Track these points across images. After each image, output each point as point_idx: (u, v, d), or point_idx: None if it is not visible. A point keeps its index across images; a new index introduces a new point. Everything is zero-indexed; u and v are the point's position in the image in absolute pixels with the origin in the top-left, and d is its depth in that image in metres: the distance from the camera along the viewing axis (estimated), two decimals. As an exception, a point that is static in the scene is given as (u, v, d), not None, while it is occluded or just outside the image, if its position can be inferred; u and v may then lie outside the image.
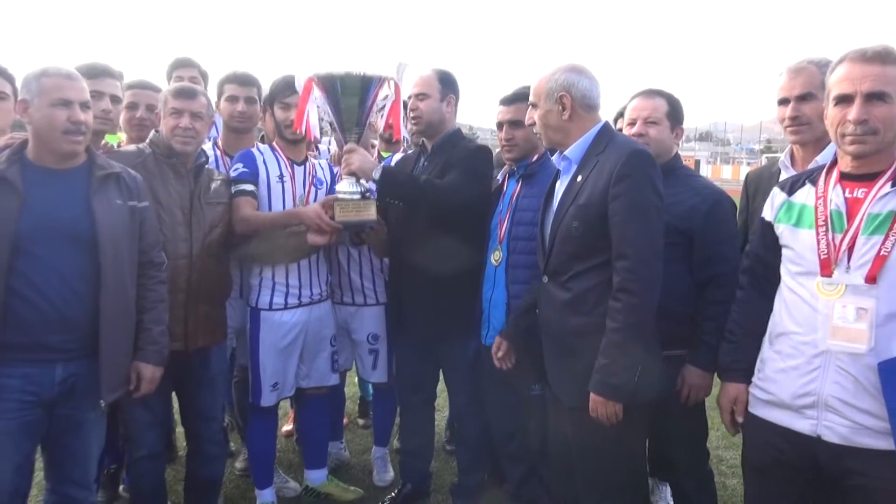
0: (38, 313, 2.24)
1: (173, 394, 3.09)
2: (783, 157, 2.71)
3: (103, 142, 2.93)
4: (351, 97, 2.85)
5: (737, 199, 2.89)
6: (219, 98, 3.38)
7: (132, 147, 2.93)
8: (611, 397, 2.27)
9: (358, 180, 2.91)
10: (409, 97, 3.20)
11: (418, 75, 3.20)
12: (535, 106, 2.51)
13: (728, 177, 42.14)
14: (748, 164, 46.51)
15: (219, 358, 3.07)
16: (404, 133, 3.19)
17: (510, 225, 2.96)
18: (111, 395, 2.47)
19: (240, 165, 3.10)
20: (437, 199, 2.94)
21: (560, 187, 2.51)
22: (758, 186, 2.83)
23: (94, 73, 2.82)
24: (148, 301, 2.56)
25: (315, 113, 2.96)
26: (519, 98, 2.99)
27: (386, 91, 2.97)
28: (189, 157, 2.87)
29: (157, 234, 2.64)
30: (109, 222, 2.36)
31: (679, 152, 2.99)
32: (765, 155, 43.55)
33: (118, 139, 3.42)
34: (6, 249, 2.19)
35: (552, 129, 2.47)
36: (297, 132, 3.03)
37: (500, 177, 3.26)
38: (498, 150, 3.34)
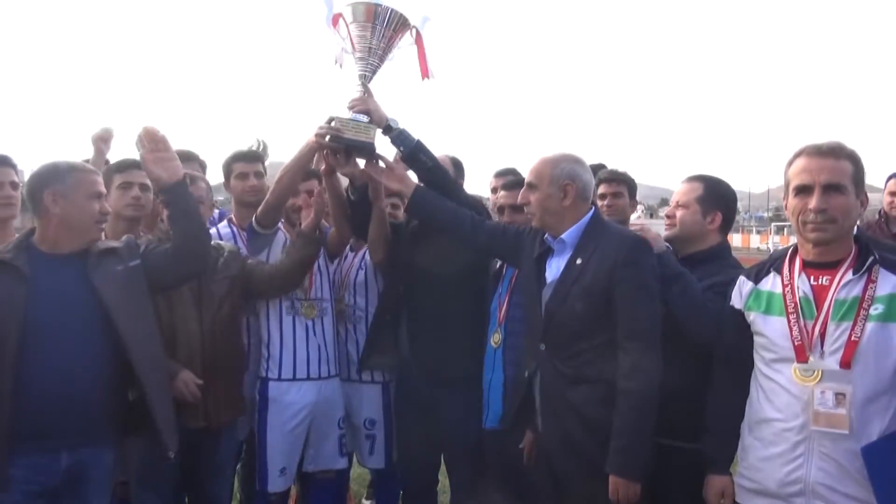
0: (47, 398, 2.30)
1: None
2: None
3: None
4: (369, 25, 2.99)
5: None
6: (227, 178, 3.56)
7: (143, 240, 3.04)
8: (633, 478, 2.34)
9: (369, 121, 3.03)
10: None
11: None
12: (534, 188, 2.64)
13: (738, 244, 42.20)
14: (757, 231, 46.51)
15: (229, 442, 3.11)
16: (431, 74, 3.23)
17: (509, 307, 3.05)
18: (172, 439, 2.53)
19: None
20: (451, 184, 3.07)
21: (554, 266, 2.64)
22: None
23: (125, 165, 3.17)
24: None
25: (339, 45, 3.13)
26: (522, 184, 3.16)
27: (408, 39, 3.13)
28: None
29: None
30: (113, 292, 2.46)
31: (725, 241, 2.84)
32: (774, 223, 43.53)
33: None
34: (14, 336, 2.28)
35: (549, 212, 2.63)
36: None
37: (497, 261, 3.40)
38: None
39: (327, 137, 2.97)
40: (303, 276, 3.22)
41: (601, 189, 3.68)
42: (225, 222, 3.60)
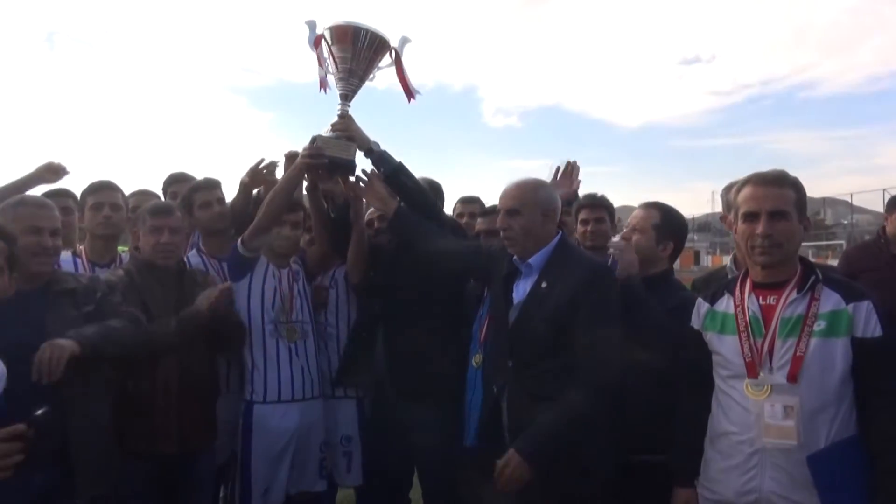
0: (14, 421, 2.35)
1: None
2: (729, 263, 2.96)
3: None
4: (350, 47, 3.10)
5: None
6: (189, 209, 3.59)
7: (120, 271, 3.14)
8: (527, 458, 2.42)
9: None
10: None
11: None
12: (517, 214, 2.70)
13: (729, 265, 42.22)
14: (743, 253, 46.56)
15: (207, 462, 3.15)
16: (415, 93, 3.32)
17: (489, 329, 3.08)
18: (88, 492, 2.54)
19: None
20: (430, 205, 3.15)
21: (521, 288, 2.74)
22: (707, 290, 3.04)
23: (97, 187, 3.40)
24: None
25: (322, 68, 3.22)
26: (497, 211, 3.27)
27: (387, 59, 3.23)
28: (171, 269, 3.09)
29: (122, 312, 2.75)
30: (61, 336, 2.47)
31: (671, 267, 3.04)
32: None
33: (124, 249, 3.65)
34: None
35: (532, 237, 2.71)
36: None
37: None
38: None
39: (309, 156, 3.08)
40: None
41: (582, 215, 3.78)
42: (194, 251, 3.65)
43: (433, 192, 3.55)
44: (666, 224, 2.91)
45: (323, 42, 3.19)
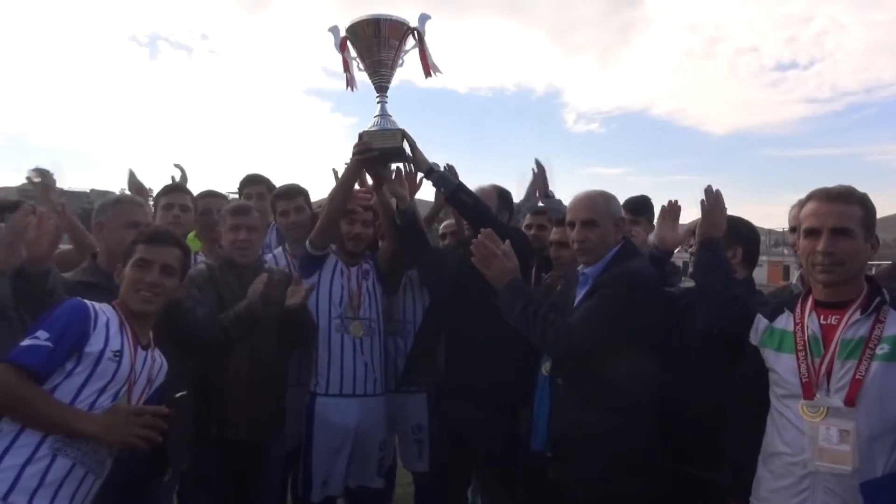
0: None
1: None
2: (795, 281, 2.88)
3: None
4: (374, 39, 3.21)
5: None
6: (274, 214, 3.85)
7: (202, 266, 3.36)
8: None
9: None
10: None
11: (480, 188, 3.49)
12: (594, 225, 2.72)
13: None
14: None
15: (276, 448, 3.32)
16: (434, 71, 3.42)
17: None
18: (177, 466, 2.77)
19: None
20: (492, 220, 3.14)
21: (577, 298, 2.77)
22: None
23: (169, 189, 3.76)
24: None
25: (353, 65, 3.36)
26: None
27: (412, 41, 3.33)
28: (249, 265, 3.28)
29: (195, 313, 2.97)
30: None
31: (751, 277, 2.94)
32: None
33: (199, 246, 3.88)
34: None
35: (606, 247, 2.75)
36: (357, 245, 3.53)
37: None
38: None
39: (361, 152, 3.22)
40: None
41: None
42: (280, 250, 3.86)
43: (501, 199, 3.57)
44: (729, 231, 2.75)
45: (348, 43, 3.31)
